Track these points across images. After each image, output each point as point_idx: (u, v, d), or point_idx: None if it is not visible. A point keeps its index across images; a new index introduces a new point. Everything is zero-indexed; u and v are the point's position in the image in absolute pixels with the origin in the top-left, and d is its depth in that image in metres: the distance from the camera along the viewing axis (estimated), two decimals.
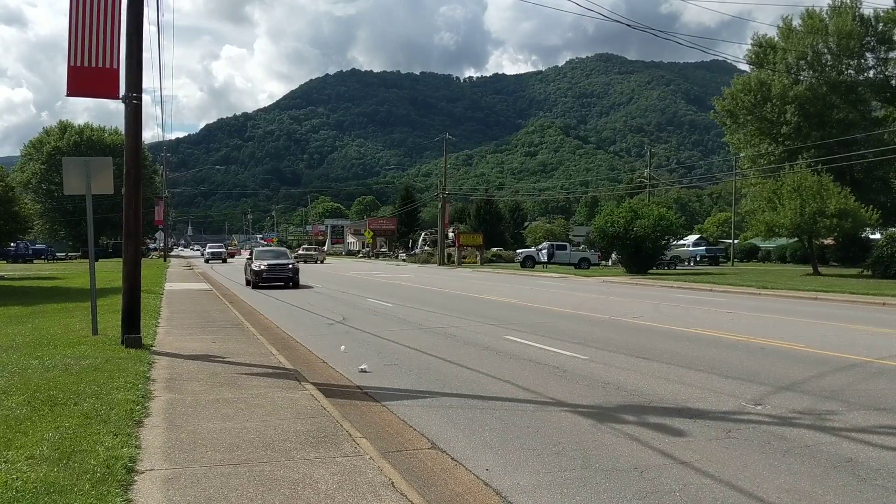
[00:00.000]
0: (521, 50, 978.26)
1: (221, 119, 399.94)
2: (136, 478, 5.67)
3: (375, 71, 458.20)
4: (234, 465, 6.02)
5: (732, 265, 64.02)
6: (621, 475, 6.19)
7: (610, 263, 56.95)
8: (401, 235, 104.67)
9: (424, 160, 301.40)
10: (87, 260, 14.78)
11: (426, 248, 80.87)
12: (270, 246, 72.44)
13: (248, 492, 5.40)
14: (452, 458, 6.78)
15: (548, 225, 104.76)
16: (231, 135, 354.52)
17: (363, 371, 11.13)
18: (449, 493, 5.90)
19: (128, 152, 12.72)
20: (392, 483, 5.62)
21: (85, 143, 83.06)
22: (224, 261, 76.88)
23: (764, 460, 6.55)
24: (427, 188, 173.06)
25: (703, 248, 68.96)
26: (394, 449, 7.06)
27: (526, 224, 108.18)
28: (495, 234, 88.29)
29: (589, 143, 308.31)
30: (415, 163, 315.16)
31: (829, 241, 49.85)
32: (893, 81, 54.76)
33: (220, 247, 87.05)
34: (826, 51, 54.45)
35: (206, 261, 75.92)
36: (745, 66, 60.73)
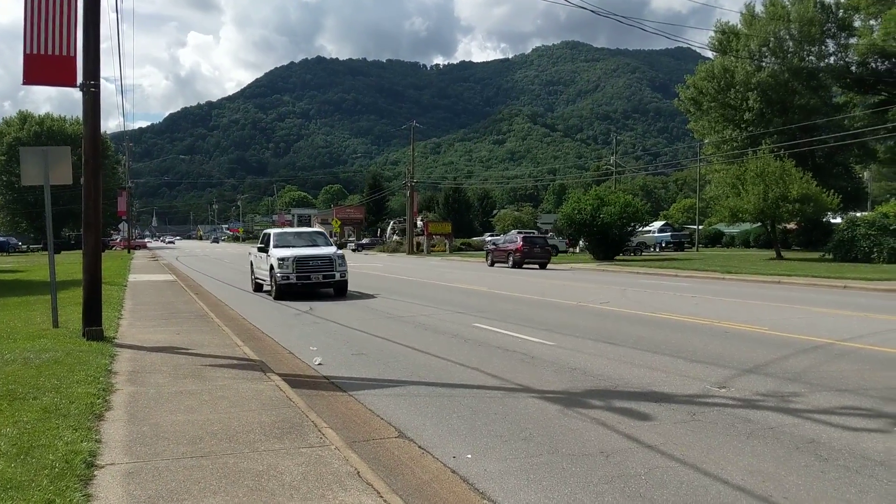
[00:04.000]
0: (489, 37, 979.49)
1: (186, 108, 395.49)
2: (96, 472, 5.56)
3: (342, 59, 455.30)
4: (198, 458, 5.93)
5: (697, 251, 64.72)
6: (588, 460, 6.21)
7: (577, 250, 57.26)
8: (369, 224, 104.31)
9: (392, 148, 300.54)
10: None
11: (395, 237, 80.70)
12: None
13: (211, 485, 5.32)
14: (420, 447, 6.75)
15: (516, 213, 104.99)
16: (196, 124, 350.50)
17: (319, 364, 10.99)
18: (416, 481, 5.87)
19: (86, 141, 12.49)
20: (358, 472, 5.58)
21: (46, 133, 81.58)
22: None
23: (728, 443, 6.61)
24: (395, 176, 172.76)
25: (669, 234, 69.61)
26: (360, 439, 7.01)
27: (495, 212, 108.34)
28: (464, 222, 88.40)
29: (556, 131, 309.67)
30: (382, 151, 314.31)
31: (791, 226, 50.63)
32: (853, 68, 55.53)
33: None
34: (788, 37, 55.08)
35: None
36: (709, 54, 61.30)
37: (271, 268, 21.42)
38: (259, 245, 24.21)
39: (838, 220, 47.34)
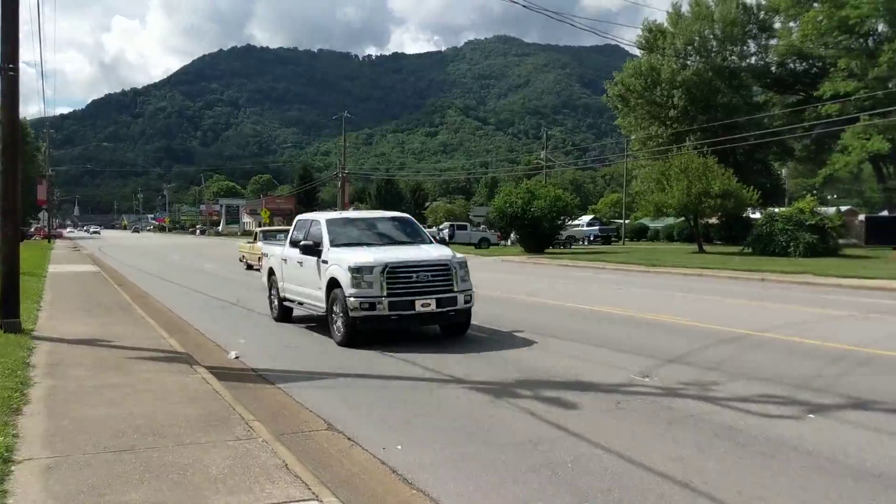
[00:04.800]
0: (423, 29, 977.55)
1: (110, 94, 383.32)
2: (13, 468, 5.38)
3: (272, 47, 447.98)
4: (120, 452, 5.79)
5: (624, 244, 66.09)
6: (516, 448, 6.30)
7: (509, 243, 57.76)
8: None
9: (323, 139, 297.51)
10: None
11: None
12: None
13: (133, 479, 5.20)
14: (349, 439, 6.73)
15: (448, 205, 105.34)
16: (121, 111, 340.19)
17: (236, 358, 10.82)
18: (344, 473, 5.86)
19: (4, 126, 12.04)
20: (286, 465, 5.53)
21: None
22: None
23: (651, 430, 6.79)
24: (326, 167, 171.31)
25: (597, 227, 70.90)
26: (289, 431, 6.95)
27: (427, 204, 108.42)
28: None
29: (489, 125, 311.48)
30: (313, 141, 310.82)
31: (713, 221, 52.03)
32: (773, 68, 57.44)
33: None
34: (712, 37, 56.54)
35: None
36: (637, 51, 62.42)
37: (333, 285, 11.75)
38: (294, 240, 13.88)
39: (757, 215, 48.86)
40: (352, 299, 11.09)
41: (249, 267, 29.37)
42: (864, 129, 46.67)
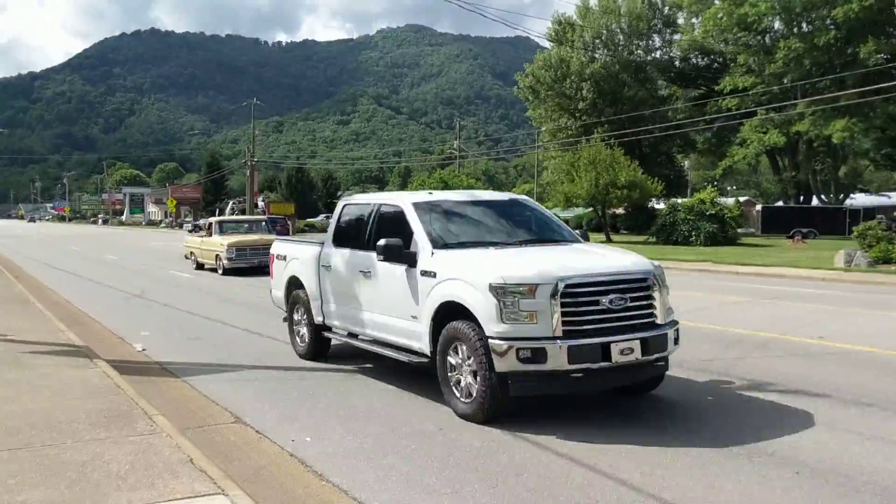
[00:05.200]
0: (334, 17, 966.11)
1: (5, 78, 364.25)
2: None
3: (178, 31, 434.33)
4: (14, 450, 5.57)
5: None
6: (426, 437, 6.36)
7: None
8: (206, 204, 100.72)
9: (232, 126, 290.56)
10: None
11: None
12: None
13: (30, 478, 5.02)
14: (257, 431, 6.66)
15: (361, 194, 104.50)
16: (16, 96, 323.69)
17: (143, 350, 10.57)
18: (252, 465, 5.79)
19: None
20: (191, 460, 5.43)
21: None
22: None
23: (551, 412, 6.95)
24: (235, 155, 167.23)
25: None
26: (194, 425, 6.82)
27: (339, 193, 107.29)
28: (308, 203, 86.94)
29: (401, 114, 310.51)
30: (221, 129, 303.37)
31: (620, 211, 53.45)
32: (677, 62, 59.32)
33: None
34: (619, 31, 57.89)
35: None
36: (547, 44, 63.34)
37: (449, 314, 7.14)
38: (344, 233, 9.27)
39: (661, 205, 50.46)
40: (499, 343, 6.44)
41: (200, 266, 24.78)
42: (761, 123, 48.77)
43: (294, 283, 10.03)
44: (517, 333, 6.40)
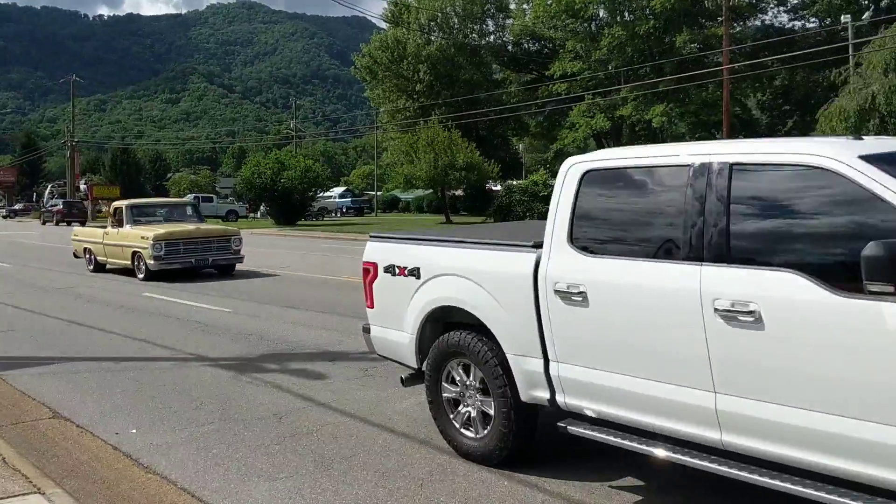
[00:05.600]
0: None
1: None
2: None
3: None
4: None
5: (376, 215, 67.18)
6: (260, 423, 6.22)
7: (259, 216, 56.50)
8: (22, 188, 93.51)
9: (49, 104, 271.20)
10: None
11: (53, 201, 73.08)
12: None
13: None
14: (78, 426, 6.27)
15: (193, 176, 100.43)
16: None
17: None
18: (72, 462, 5.44)
19: None
20: (3, 459, 5.05)
21: None
22: None
23: (396, 394, 6.97)
24: (53, 135, 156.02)
25: (349, 199, 71.42)
26: (7, 423, 6.32)
27: (169, 175, 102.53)
28: (135, 185, 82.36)
29: (235, 93, 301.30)
30: (38, 107, 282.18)
31: (459, 193, 54.54)
32: (510, 47, 60.91)
33: None
34: (454, 14, 58.66)
35: None
36: (383, 24, 63.15)
37: None
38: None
39: (498, 187, 51.86)
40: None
41: (100, 268, 18.85)
42: (588, 108, 51.00)
43: (448, 320, 5.48)
44: None
